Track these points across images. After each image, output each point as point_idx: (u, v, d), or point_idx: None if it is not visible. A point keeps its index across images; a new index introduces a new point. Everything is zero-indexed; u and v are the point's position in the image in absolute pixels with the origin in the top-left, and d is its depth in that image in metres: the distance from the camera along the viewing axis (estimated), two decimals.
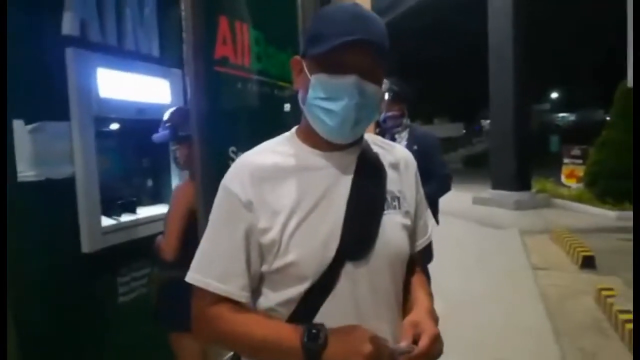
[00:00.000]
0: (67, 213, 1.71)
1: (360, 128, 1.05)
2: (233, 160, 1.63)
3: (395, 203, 1.12)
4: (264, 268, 1.04)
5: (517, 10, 10.87)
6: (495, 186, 11.22)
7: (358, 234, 1.04)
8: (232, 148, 1.62)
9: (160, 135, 1.78)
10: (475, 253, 6.21)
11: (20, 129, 1.56)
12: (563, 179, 12.19)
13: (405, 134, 3.02)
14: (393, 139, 2.93)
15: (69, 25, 1.73)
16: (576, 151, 11.91)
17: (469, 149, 30.13)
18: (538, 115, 31.79)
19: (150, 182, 2.23)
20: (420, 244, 1.24)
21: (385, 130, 3.05)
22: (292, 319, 1.04)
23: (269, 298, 1.07)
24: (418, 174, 1.23)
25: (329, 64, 0.99)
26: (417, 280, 1.23)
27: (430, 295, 1.21)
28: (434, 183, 2.74)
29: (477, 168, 18.74)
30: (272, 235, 1.00)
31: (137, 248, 2.00)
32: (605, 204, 9.19)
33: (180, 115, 1.80)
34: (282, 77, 1.95)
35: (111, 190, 1.96)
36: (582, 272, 5.40)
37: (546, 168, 13.26)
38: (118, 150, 2.05)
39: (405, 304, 1.17)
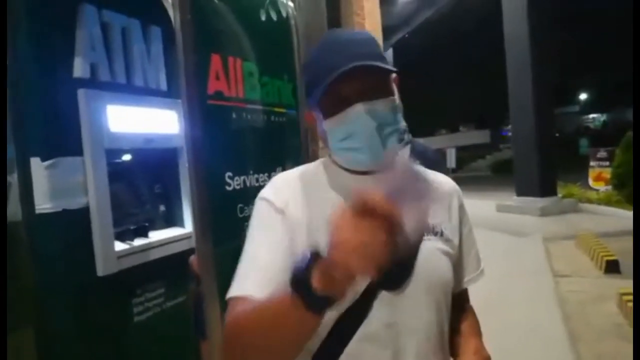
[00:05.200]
0: (82, 240, 1.85)
1: (392, 142, 1.00)
2: (229, 185, 1.76)
3: (437, 230, 1.07)
4: None
5: (532, 10, 10.82)
6: (520, 193, 11.13)
7: (395, 261, 0.88)
8: (229, 173, 1.75)
9: None
10: (494, 262, 6.19)
11: (37, 166, 1.72)
12: (590, 182, 11.99)
13: (406, 150, 3.10)
14: None
15: (79, 68, 1.89)
16: (602, 153, 11.72)
17: (496, 155, 29.75)
18: (566, 118, 31.16)
19: (162, 207, 2.37)
20: (472, 279, 1.21)
21: None
22: (322, 350, 0.95)
23: None
24: (464, 206, 1.19)
25: (330, 107, 0.98)
26: (467, 323, 1.18)
27: (479, 337, 1.18)
28: None
29: (505, 175, 18.54)
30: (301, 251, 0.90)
31: (151, 270, 2.13)
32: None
33: None
34: (279, 103, 2.08)
35: (124, 217, 2.11)
36: (606, 277, 5.34)
37: (575, 172, 13.07)
38: (130, 179, 2.19)
39: (451, 347, 1.11)
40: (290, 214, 0.99)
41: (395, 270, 0.93)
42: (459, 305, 1.17)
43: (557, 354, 3.53)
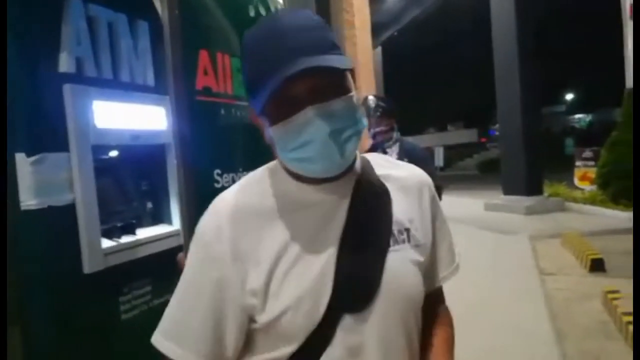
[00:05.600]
0: (68, 237, 1.83)
1: (351, 147, 0.86)
2: (218, 182, 1.75)
3: (404, 236, 0.93)
4: (252, 326, 0.89)
5: (520, 11, 10.88)
6: (507, 192, 11.22)
7: (356, 280, 0.86)
8: (217, 170, 1.73)
9: None
10: (482, 260, 6.24)
11: (22, 162, 1.70)
12: (576, 181, 12.13)
13: (395, 148, 3.13)
14: (385, 154, 3.04)
15: (65, 63, 1.86)
16: (588, 153, 11.85)
17: (483, 154, 29.95)
18: (553, 118, 31.48)
19: (150, 204, 2.34)
20: (444, 276, 1.06)
21: (376, 146, 3.17)
22: None
23: None
24: (436, 196, 1.06)
25: (275, 111, 0.84)
26: (439, 334, 1.02)
27: (451, 345, 1.03)
28: None
29: (492, 173, 18.68)
30: (254, 289, 0.85)
31: (138, 267, 2.11)
32: (619, 205, 9.11)
33: None
34: None
35: (111, 214, 2.09)
36: (591, 276, 5.40)
37: (561, 171, 13.22)
38: (116, 175, 2.17)
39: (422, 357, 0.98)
40: (234, 256, 0.86)
41: (358, 291, 0.86)
42: (431, 307, 1.03)
43: (543, 351, 3.57)
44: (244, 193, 0.94)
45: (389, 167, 1.03)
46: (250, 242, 0.87)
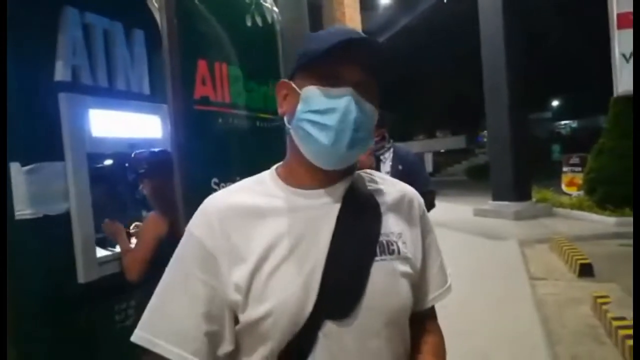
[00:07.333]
0: (63, 246, 1.82)
1: (355, 153, 0.91)
2: (215, 191, 1.75)
3: (394, 247, 0.95)
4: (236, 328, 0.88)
5: (508, 20, 11.00)
6: (495, 197, 11.28)
7: (341, 286, 0.87)
8: (214, 179, 1.73)
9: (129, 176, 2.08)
10: (472, 265, 6.26)
11: (16, 171, 1.69)
12: (563, 187, 12.25)
13: (389, 155, 3.15)
14: (378, 161, 3.06)
15: (61, 72, 1.86)
16: (575, 159, 11.99)
17: (472, 160, 30.14)
18: (539, 124, 31.80)
19: (144, 212, 2.33)
20: (436, 297, 1.05)
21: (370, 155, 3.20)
22: None
23: None
24: (426, 214, 1.07)
25: (322, 74, 0.89)
26: (430, 352, 1.01)
27: (443, 355, 1.04)
28: None
29: (480, 179, 18.81)
30: (238, 285, 0.85)
31: None
32: (605, 210, 9.22)
33: (138, 157, 2.04)
34: (264, 109, 2.07)
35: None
36: (580, 281, 5.45)
37: (549, 177, 13.33)
38: (111, 184, 2.16)
39: None
40: (224, 253, 0.87)
41: (341, 298, 0.87)
42: (422, 326, 1.04)
43: (534, 355, 3.59)
44: (236, 193, 0.95)
45: (380, 184, 1.04)
46: (239, 238, 0.87)
